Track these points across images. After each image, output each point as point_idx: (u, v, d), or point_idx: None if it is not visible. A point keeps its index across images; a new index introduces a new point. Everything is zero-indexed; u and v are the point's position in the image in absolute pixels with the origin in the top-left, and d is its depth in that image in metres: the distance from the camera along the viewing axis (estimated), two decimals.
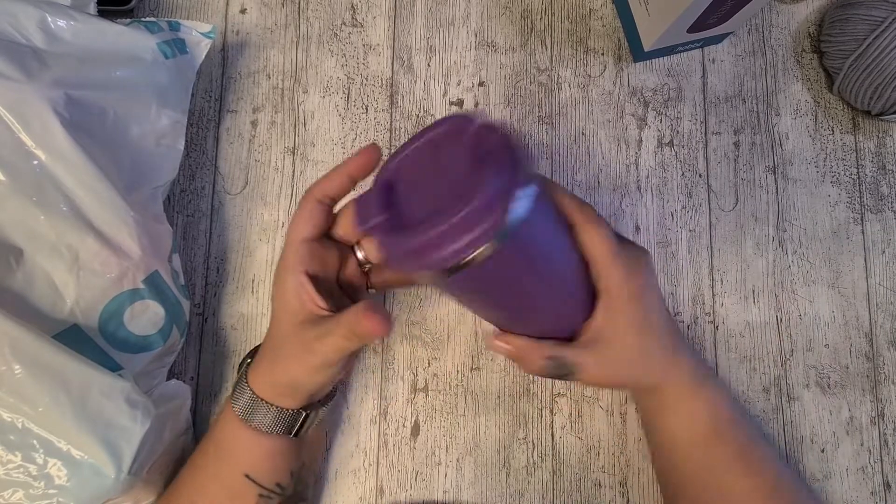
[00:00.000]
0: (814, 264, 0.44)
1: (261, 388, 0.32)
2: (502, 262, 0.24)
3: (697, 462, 0.34)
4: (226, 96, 0.45)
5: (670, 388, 0.34)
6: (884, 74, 0.41)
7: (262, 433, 0.32)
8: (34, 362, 0.29)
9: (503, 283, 0.27)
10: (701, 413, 0.34)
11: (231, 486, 0.33)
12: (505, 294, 0.28)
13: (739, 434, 0.35)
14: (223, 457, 0.33)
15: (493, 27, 0.46)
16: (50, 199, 0.31)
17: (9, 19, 0.32)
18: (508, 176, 0.23)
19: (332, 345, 0.29)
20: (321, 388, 0.32)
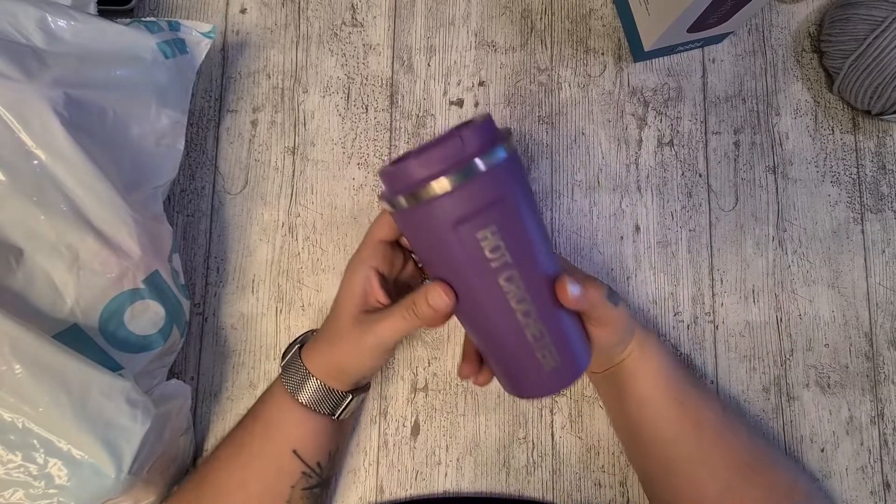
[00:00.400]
0: (814, 264, 0.44)
1: (315, 369, 0.35)
2: (465, 201, 0.28)
3: (671, 398, 0.37)
4: (226, 96, 0.45)
5: (638, 334, 0.37)
6: (884, 74, 0.41)
7: (310, 412, 0.35)
8: (34, 362, 0.29)
9: (470, 231, 0.29)
10: (662, 350, 0.38)
11: (278, 462, 0.35)
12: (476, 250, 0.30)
13: (685, 368, 0.39)
14: (272, 434, 0.36)
15: (493, 27, 0.46)
16: (50, 199, 0.31)
17: (9, 19, 0.32)
18: (477, 133, 0.28)
19: (389, 326, 0.32)
20: (371, 371, 0.36)
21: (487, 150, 0.28)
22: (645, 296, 0.44)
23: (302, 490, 0.36)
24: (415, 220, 0.29)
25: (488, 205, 0.28)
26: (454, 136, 0.28)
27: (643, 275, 0.44)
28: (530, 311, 0.30)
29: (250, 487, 0.35)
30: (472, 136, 0.28)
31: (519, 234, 0.29)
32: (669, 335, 0.44)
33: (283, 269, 0.44)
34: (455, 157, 0.28)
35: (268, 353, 0.43)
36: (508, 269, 0.29)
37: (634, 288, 0.44)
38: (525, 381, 0.33)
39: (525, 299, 0.30)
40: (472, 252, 0.29)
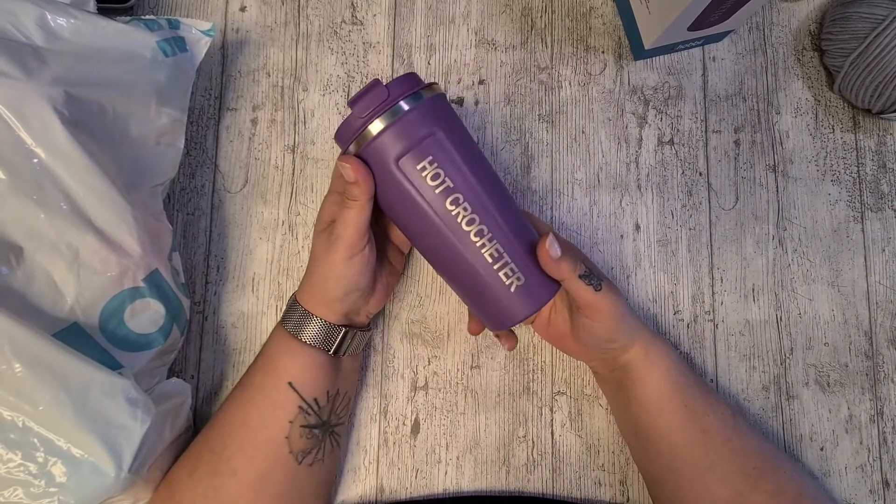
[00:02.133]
0: (814, 263, 0.44)
1: (304, 298, 0.37)
2: (398, 138, 0.32)
3: (677, 403, 0.37)
4: (226, 94, 0.45)
5: (641, 339, 0.37)
6: (884, 73, 0.41)
7: (305, 345, 0.36)
8: (34, 361, 0.29)
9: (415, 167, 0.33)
10: (670, 353, 0.38)
11: (275, 396, 0.36)
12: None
13: (695, 375, 0.39)
14: (269, 369, 0.37)
15: (494, 25, 0.46)
16: (50, 198, 0.31)
17: (8, 17, 0.32)
18: (400, 82, 0.33)
19: (341, 219, 0.34)
20: (351, 288, 0.36)
21: (409, 93, 0.32)
22: (645, 294, 0.44)
23: (301, 427, 0.36)
24: (367, 163, 0.33)
25: (420, 138, 0.32)
26: (377, 85, 0.33)
27: (643, 273, 0.44)
28: (482, 231, 0.34)
29: (251, 423, 0.36)
30: (396, 84, 0.33)
31: (455, 162, 0.33)
32: (669, 334, 0.44)
33: (283, 268, 0.44)
34: (382, 102, 0.32)
35: None
36: (452, 193, 0.33)
37: (634, 286, 0.44)
38: (497, 307, 0.35)
39: (475, 220, 0.33)
40: (417, 182, 0.33)
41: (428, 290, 0.44)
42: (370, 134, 0.32)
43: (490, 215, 0.34)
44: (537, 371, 0.43)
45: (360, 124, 0.33)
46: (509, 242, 0.34)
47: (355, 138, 0.33)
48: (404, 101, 0.32)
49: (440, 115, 0.34)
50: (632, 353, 0.37)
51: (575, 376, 0.43)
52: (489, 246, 0.34)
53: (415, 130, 0.32)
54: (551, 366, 0.43)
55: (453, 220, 0.33)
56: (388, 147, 0.32)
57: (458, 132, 0.34)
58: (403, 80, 0.33)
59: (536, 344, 0.43)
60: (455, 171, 0.33)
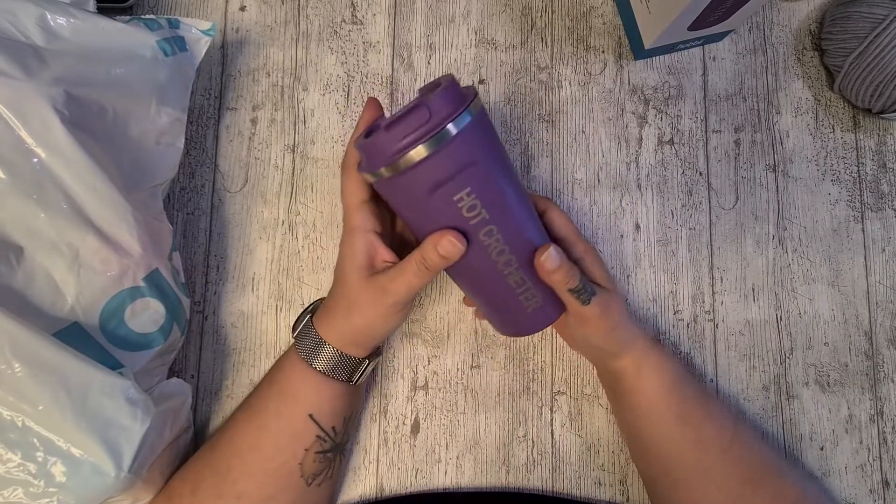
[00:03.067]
0: (814, 262, 0.44)
1: (330, 337, 0.36)
2: (440, 167, 0.30)
3: (670, 412, 0.37)
4: (225, 94, 0.45)
5: (636, 348, 0.37)
6: (885, 72, 0.41)
7: (326, 377, 0.36)
8: (34, 361, 0.29)
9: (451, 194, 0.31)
10: (665, 363, 0.38)
11: (293, 426, 0.36)
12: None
13: (695, 383, 0.39)
14: (287, 398, 0.36)
15: (494, 25, 0.46)
16: (50, 197, 0.31)
17: (8, 17, 0.32)
18: (445, 98, 0.30)
19: (404, 282, 0.33)
20: (390, 332, 0.37)
21: (456, 115, 0.29)
22: (645, 294, 0.44)
23: (315, 454, 0.36)
24: (397, 187, 0.31)
25: (462, 168, 0.30)
26: (423, 106, 0.29)
27: (643, 273, 0.44)
28: (511, 261, 0.33)
29: (264, 450, 0.35)
30: (441, 102, 0.30)
31: (493, 193, 0.32)
32: (669, 334, 0.44)
33: (283, 268, 0.44)
34: (427, 124, 0.29)
35: (268, 352, 0.43)
36: (486, 225, 0.32)
37: (634, 286, 0.44)
38: (513, 322, 0.36)
39: (504, 251, 0.33)
40: (452, 213, 0.31)
41: (428, 290, 0.44)
42: (409, 161, 0.29)
43: (519, 246, 0.33)
44: (537, 371, 0.43)
45: (398, 149, 0.29)
46: (531, 271, 0.34)
47: (391, 162, 0.30)
48: (451, 125, 0.29)
49: (483, 137, 0.31)
50: (623, 362, 0.37)
51: (575, 376, 0.43)
52: (514, 275, 0.33)
53: (457, 160, 0.30)
54: (551, 366, 0.43)
55: (483, 250, 0.32)
56: (426, 176, 0.30)
57: (496, 154, 0.32)
58: (447, 94, 0.30)
59: (536, 344, 0.43)
60: (491, 203, 0.31)
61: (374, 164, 0.31)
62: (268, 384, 0.38)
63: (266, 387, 0.38)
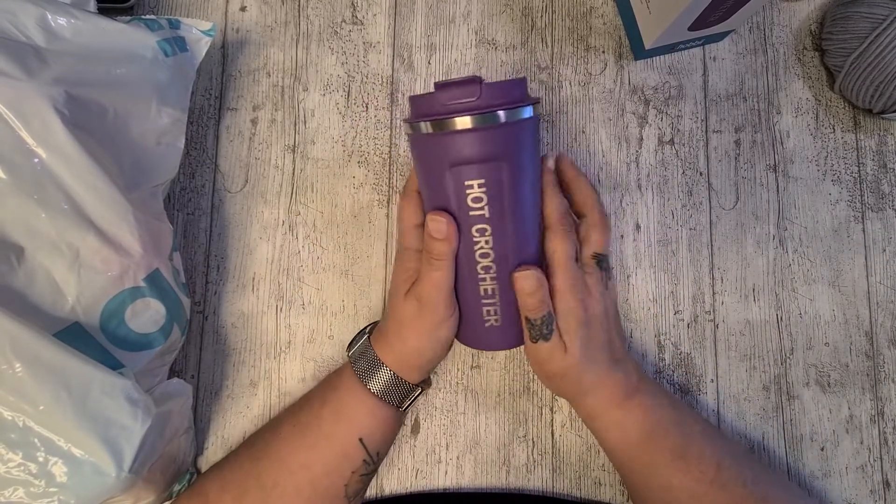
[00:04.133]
0: (814, 263, 0.44)
1: (388, 360, 0.36)
2: (469, 146, 0.30)
3: (638, 462, 0.36)
4: (226, 94, 0.45)
5: (599, 398, 0.36)
6: (885, 73, 0.41)
7: (380, 402, 0.36)
8: (35, 360, 0.29)
9: (486, 175, 0.31)
10: (629, 422, 0.36)
11: (344, 448, 0.36)
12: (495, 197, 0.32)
13: (674, 436, 0.36)
14: (341, 419, 0.36)
15: (494, 25, 0.46)
16: (50, 197, 0.31)
17: (9, 17, 0.32)
18: (510, 87, 0.30)
19: (426, 283, 0.33)
20: (441, 352, 0.37)
21: (514, 106, 0.30)
22: (645, 294, 0.44)
23: (360, 476, 0.37)
24: (427, 146, 0.32)
25: (486, 158, 0.30)
26: (472, 84, 0.30)
27: (643, 273, 0.44)
28: (490, 268, 0.33)
29: (314, 469, 0.36)
30: (490, 91, 0.30)
31: (504, 197, 0.31)
32: (670, 334, 0.44)
33: (283, 268, 0.44)
34: (477, 101, 0.30)
35: (268, 352, 0.43)
36: (483, 223, 0.32)
37: (635, 286, 0.44)
38: (465, 328, 0.36)
39: (488, 255, 0.33)
40: (458, 194, 0.31)
41: None
42: (451, 125, 0.30)
43: (504, 259, 0.33)
44: None
45: (448, 109, 0.30)
46: (507, 289, 0.34)
47: (424, 119, 0.31)
48: (504, 113, 0.30)
49: (521, 143, 0.31)
50: (591, 401, 0.36)
51: None
52: (487, 283, 0.34)
53: (485, 149, 0.30)
54: None
55: (469, 242, 0.33)
56: (454, 148, 0.30)
57: (526, 165, 0.32)
58: (506, 87, 0.31)
59: None
60: (497, 205, 0.32)
61: (417, 116, 0.32)
62: (320, 403, 0.38)
63: (318, 405, 0.38)
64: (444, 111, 0.30)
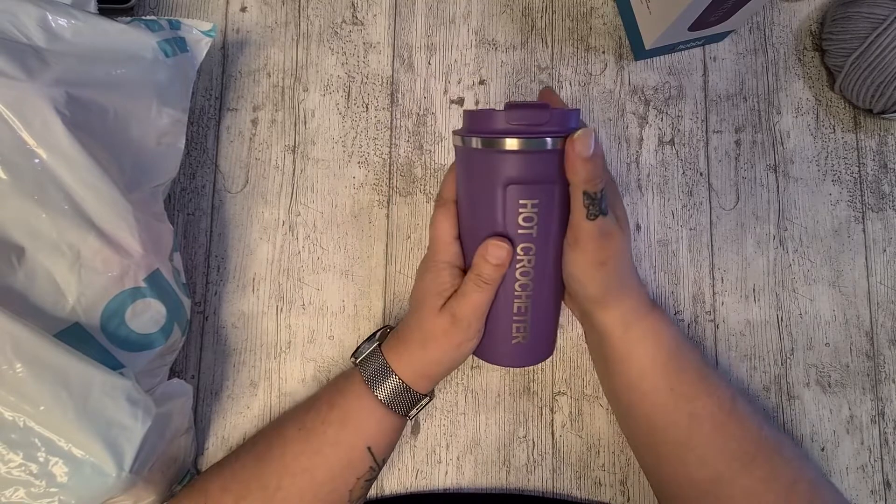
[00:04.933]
0: (815, 263, 0.44)
1: (402, 370, 0.36)
2: (525, 167, 0.31)
3: (665, 383, 0.35)
4: (226, 95, 0.45)
5: (636, 300, 0.36)
6: (885, 73, 0.41)
7: (388, 410, 0.36)
8: (36, 361, 0.29)
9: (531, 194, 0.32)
10: (662, 329, 0.36)
11: (350, 455, 0.36)
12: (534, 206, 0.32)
13: (695, 354, 0.37)
14: (349, 427, 0.36)
15: (494, 25, 0.46)
16: (51, 198, 0.31)
17: (9, 18, 0.32)
18: (563, 116, 0.31)
19: (469, 303, 0.33)
20: (459, 364, 0.36)
21: (562, 133, 0.30)
22: None
23: (364, 482, 0.37)
24: (476, 162, 0.32)
25: (541, 180, 0.31)
26: (544, 109, 0.31)
27: (644, 273, 0.44)
28: (527, 286, 0.33)
29: (318, 474, 0.35)
30: (558, 116, 0.31)
31: (552, 218, 0.32)
32: None
33: (283, 268, 0.44)
34: (535, 125, 0.31)
35: (268, 352, 0.43)
36: (529, 241, 0.32)
37: None
38: (490, 344, 0.36)
39: (529, 273, 0.33)
40: (510, 212, 0.32)
41: None
42: (503, 145, 0.30)
43: (543, 278, 0.33)
44: (537, 371, 0.43)
45: (501, 129, 0.31)
46: (539, 307, 0.34)
47: (487, 136, 0.31)
48: (551, 139, 0.30)
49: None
50: (608, 316, 0.36)
51: (575, 377, 0.43)
52: (523, 300, 0.34)
53: (547, 171, 0.31)
54: (551, 366, 0.43)
55: (512, 262, 0.33)
56: (508, 167, 0.31)
57: (567, 190, 0.33)
58: (568, 116, 0.32)
59: None
60: (545, 226, 0.32)
61: (472, 131, 0.32)
62: (328, 407, 0.37)
63: (326, 410, 0.37)
64: (520, 130, 0.31)
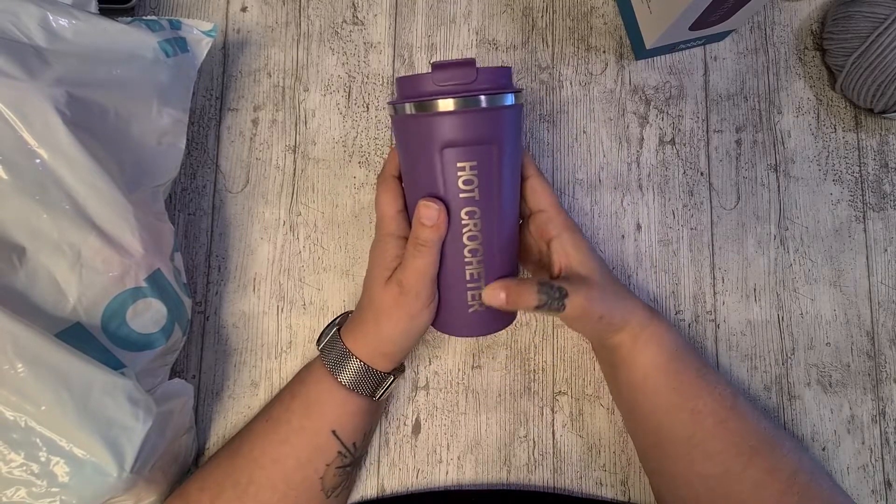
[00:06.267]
0: (815, 262, 0.44)
1: (358, 349, 0.36)
2: (458, 128, 0.30)
3: (667, 383, 0.36)
4: (227, 94, 0.45)
5: (638, 315, 0.37)
6: (886, 72, 0.41)
7: (351, 392, 0.36)
8: (37, 361, 0.29)
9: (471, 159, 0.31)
10: (662, 335, 0.37)
11: (316, 441, 0.36)
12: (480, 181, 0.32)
13: (694, 355, 0.38)
14: (312, 413, 0.36)
15: (495, 25, 0.46)
16: (52, 198, 0.31)
17: (10, 18, 0.32)
18: (493, 74, 0.30)
19: (412, 269, 0.33)
20: (416, 338, 0.36)
21: (494, 91, 0.30)
22: (646, 294, 0.44)
23: (336, 468, 0.36)
24: (412, 128, 0.31)
25: (481, 140, 0.30)
26: (469, 66, 0.30)
27: (644, 273, 0.44)
28: (477, 251, 0.33)
29: (286, 463, 0.35)
30: (487, 73, 0.30)
31: (494, 179, 0.32)
32: None
33: (284, 268, 0.44)
34: (464, 84, 0.30)
35: (269, 352, 0.43)
36: (473, 205, 0.32)
37: (635, 286, 0.44)
38: (447, 315, 0.35)
39: (477, 238, 0.33)
40: (448, 177, 0.31)
41: None
42: (435, 107, 0.30)
43: (491, 241, 0.33)
44: (538, 371, 0.43)
45: (432, 91, 0.30)
46: (493, 270, 0.34)
47: (418, 100, 0.30)
48: (485, 97, 0.30)
49: (511, 127, 0.32)
50: (619, 337, 0.37)
51: (576, 376, 0.43)
52: (474, 266, 0.33)
53: (479, 131, 0.30)
54: (552, 366, 0.43)
55: (458, 226, 0.32)
56: (443, 130, 0.30)
57: (512, 149, 0.32)
58: (498, 73, 0.31)
59: (538, 344, 0.43)
60: (487, 187, 0.32)
61: (403, 97, 0.31)
62: (290, 396, 0.38)
63: (288, 399, 0.38)
64: (449, 91, 0.30)
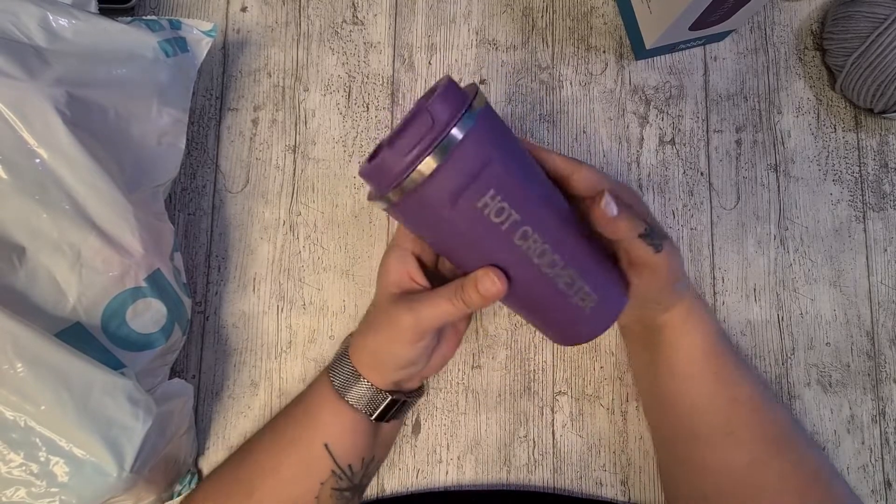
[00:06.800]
0: (815, 262, 0.44)
1: (357, 359, 0.35)
2: (455, 175, 0.27)
3: (710, 369, 0.36)
4: (227, 94, 0.45)
5: (686, 299, 0.36)
6: (886, 72, 0.41)
7: (347, 406, 0.35)
8: (36, 360, 0.29)
9: (471, 202, 0.28)
10: (708, 318, 0.37)
11: (310, 453, 0.35)
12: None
13: (729, 342, 0.38)
14: (308, 423, 0.35)
15: (495, 25, 0.46)
16: (52, 198, 0.31)
17: (10, 18, 0.32)
18: (443, 101, 0.27)
19: (431, 307, 0.31)
20: (408, 364, 0.34)
21: (459, 116, 0.26)
22: None
23: (332, 489, 0.35)
24: (412, 209, 0.28)
25: (479, 170, 0.27)
26: (423, 113, 0.26)
27: None
28: (555, 261, 0.30)
29: (283, 473, 0.35)
30: (440, 106, 0.26)
31: (518, 189, 0.28)
32: None
33: (284, 268, 0.44)
34: (430, 133, 0.26)
35: (269, 352, 0.43)
36: (520, 227, 0.28)
37: None
38: (574, 329, 0.33)
39: (546, 251, 0.29)
40: (479, 222, 0.28)
41: None
42: (420, 176, 0.26)
43: (561, 241, 0.30)
44: (538, 371, 0.43)
45: (405, 166, 0.26)
46: (580, 264, 0.30)
47: (399, 184, 0.27)
48: (457, 128, 0.26)
49: (494, 133, 0.28)
50: (670, 314, 0.36)
51: (576, 376, 0.43)
52: (562, 275, 0.30)
53: (472, 162, 0.27)
54: (552, 366, 0.43)
55: (523, 255, 0.29)
56: (443, 188, 0.27)
57: (511, 148, 0.29)
58: (446, 96, 0.27)
59: (538, 344, 0.43)
60: (519, 201, 0.28)
61: (382, 189, 0.28)
62: (295, 403, 0.38)
63: (293, 406, 0.37)
64: (421, 150, 0.26)
